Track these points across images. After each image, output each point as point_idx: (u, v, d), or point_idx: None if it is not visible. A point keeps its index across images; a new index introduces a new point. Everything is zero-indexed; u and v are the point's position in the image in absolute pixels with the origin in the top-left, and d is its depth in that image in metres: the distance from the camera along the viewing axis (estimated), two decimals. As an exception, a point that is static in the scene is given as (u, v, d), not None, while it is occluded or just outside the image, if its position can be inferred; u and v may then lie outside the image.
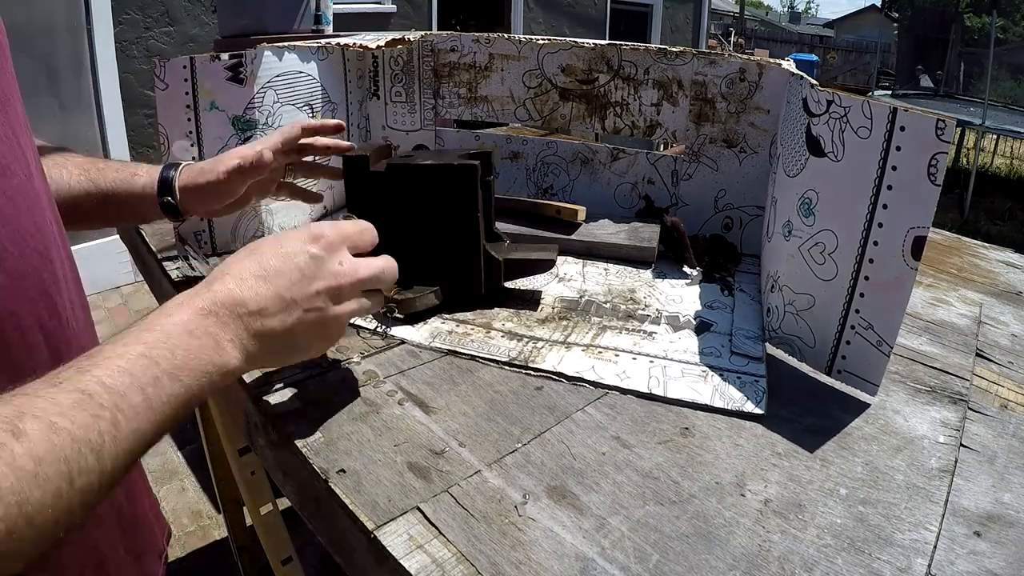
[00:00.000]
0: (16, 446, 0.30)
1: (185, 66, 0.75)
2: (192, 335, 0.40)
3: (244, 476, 1.05)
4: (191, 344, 0.40)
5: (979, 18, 8.17)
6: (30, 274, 0.44)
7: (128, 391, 0.35)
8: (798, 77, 0.72)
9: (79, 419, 0.32)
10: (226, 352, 0.42)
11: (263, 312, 0.44)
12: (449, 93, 1.02)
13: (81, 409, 0.33)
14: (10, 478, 0.29)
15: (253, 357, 0.44)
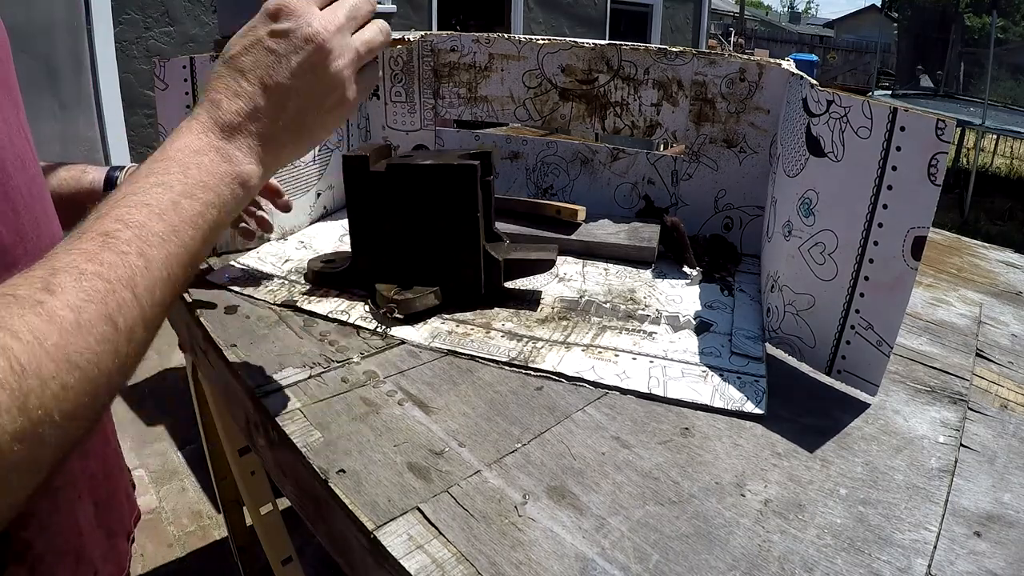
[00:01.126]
0: (53, 301, 0.30)
1: (185, 66, 0.75)
2: (200, 153, 0.40)
3: (244, 476, 1.05)
4: (201, 162, 0.40)
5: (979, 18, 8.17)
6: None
7: (148, 221, 0.35)
8: (798, 77, 0.72)
9: (106, 259, 0.33)
10: (238, 161, 0.41)
11: (257, 110, 0.42)
12: (449, 93, 1.02)
13: (106, 250, 0.33)
14: (54, 333, 0.29)
15: (267, 157, 0.43)
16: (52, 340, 0.29)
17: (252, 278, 0.77)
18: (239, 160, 0.41)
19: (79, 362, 0.30)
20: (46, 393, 0.28)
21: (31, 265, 0.32)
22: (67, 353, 0.29)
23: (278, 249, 0.86)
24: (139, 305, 0.33)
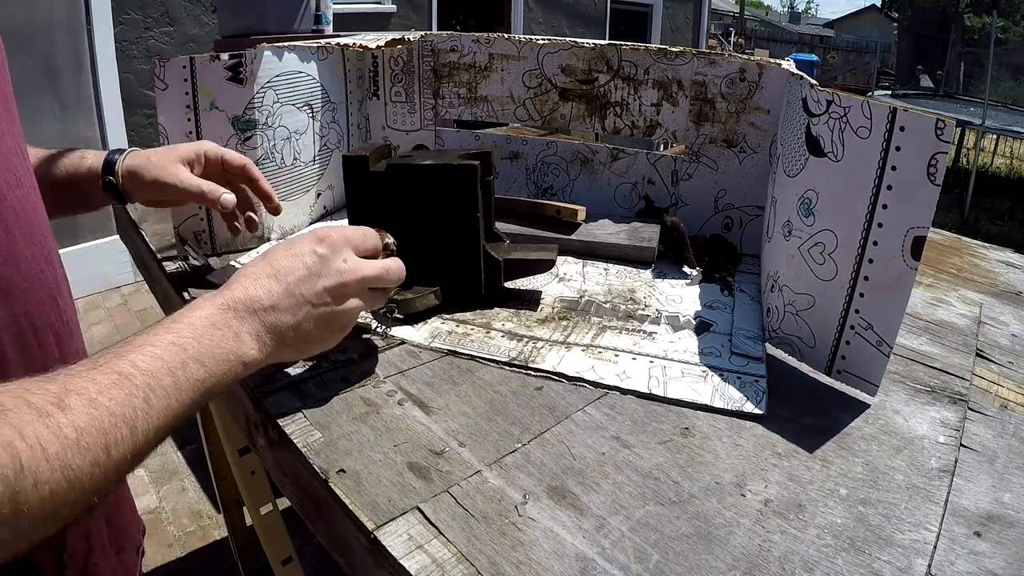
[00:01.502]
0: (61, 417, 0.33)
1: (185, 66, 0.75)
2: (215, 327, 0.45)
3: (244, 476, 1.05)
4: (214, 335, 0.44)
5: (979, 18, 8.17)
6: (40, 278, 0.48)
7: (159, 373, 0.39)
8: (798, 77, 0.72)
9: (116, 396, 0.36)
10: (245, 343, 0.46)
11: (275, 308, 0.48)
12: (449, 93, 1.02)
13: (118, 388, 0.37)
14: (55, 444, 0.32)
15: (269, 348, 0.48)
16: (53, 450, 0.32)
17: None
18: (245, 343, 0.46)
19: (71, 476, 0.33)
20: (36, 494, 0.31)
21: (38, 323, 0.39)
22: (63, 465, 0.32)
23: (278, 249, 0.86)
24: (133, 442, 0.37)
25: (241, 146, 0.80)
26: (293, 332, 0.49)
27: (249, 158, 0.74)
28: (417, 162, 0.70)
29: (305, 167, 0.90)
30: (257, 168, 0.73)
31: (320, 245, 0.52)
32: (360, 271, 0.53)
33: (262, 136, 0.82)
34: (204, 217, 0.81)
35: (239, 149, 0.80)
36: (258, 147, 0.82)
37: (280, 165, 0.85)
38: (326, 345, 0.53)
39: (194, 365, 0.42)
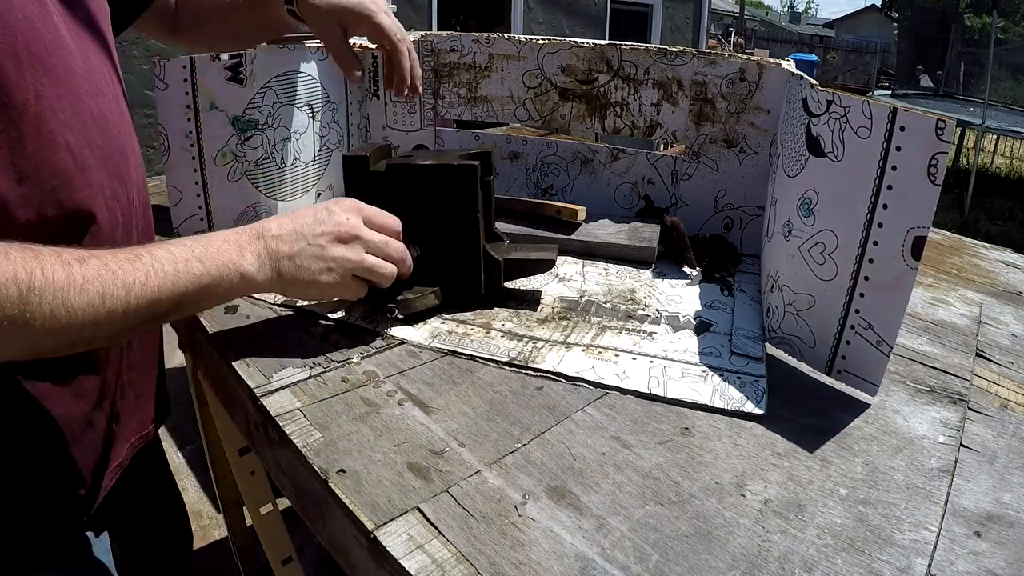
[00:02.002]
0: (77, 267, 0.46)
1: (185, 66, 0.75)
2: (225, 241, 0.56)
3: (244, 476, 1.05)
4: (221, 246, 0.56)
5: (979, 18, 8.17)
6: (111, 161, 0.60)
7: (164, 261, 0.51)
8: (798, 77, 0.72)
9: (124, 266, 0.48)
10: (246, 259, 0.57)
11: (280, 238, 0.59)
12: (449, 93, 1.02)
13: (128, 262, 0.49)
14: (64, 282, 0.45)
15: (265, 270, 0.58)
16: (60, 285, 0.44)
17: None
18: (246, 259, 0.57)
19: (68, 306, 0.45)
20: (39, 309, 0.43)
21: None
22: (64, 297, 0.45)
23: (278, 249, 0.86)
24: (126, 301, 0.48)
25: (241, 146, 0.80)
26: (287, 260, 0.59)
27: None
28: (417, 162, 0.70)
29: (305, 167, 0.90)
30: (407, 48, 0.79)
31: (334, 204, 0.63)
32: (356, 230, 0.62)
33: (262, 136, 0.82)
34: (204, 217, 0.81)
35: (239, 149, 0.80)
36: (258, 147, 0.82)
37: (280, 165, 0.85)
38: (316, 287, 0.61)
39: (195, 263, 0.53)
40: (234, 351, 0.63)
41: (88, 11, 0.61)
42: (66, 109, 0.55)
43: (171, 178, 0.79)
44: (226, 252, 0.55)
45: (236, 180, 0.81)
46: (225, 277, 0.55)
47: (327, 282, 0.61)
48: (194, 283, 0.53)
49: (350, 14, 0.77)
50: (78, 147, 0.56)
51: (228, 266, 0.55)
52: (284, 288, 0.61)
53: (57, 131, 0.54)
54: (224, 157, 0.80)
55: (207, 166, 0.79)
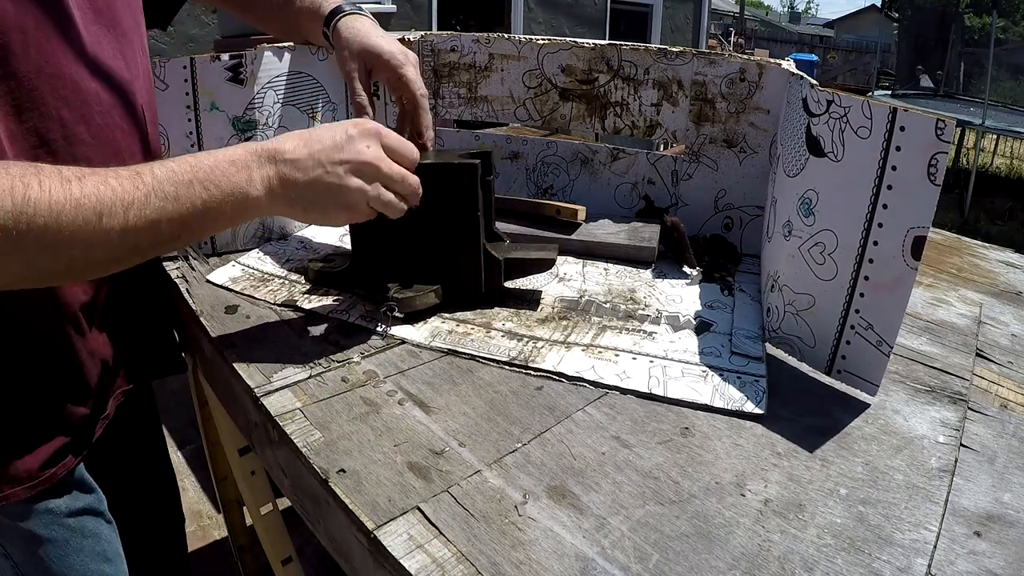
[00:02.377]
0: (75, 184, 0.45)
1: (185, 66, 0.75)
2: (233, 164, 0.53)
3: (244, 476, 1.05)
4: (228, 169, 0.52)
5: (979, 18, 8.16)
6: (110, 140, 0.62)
7: (166, 182, 0.49)
8: (798, 77, 0.72)
9: (124, 185, 0.47)
10: (254, 184, 0.53)
11: (295, 163, 0.55)
12: (449, 93, 1.02)
13: (129, 181, 0.48)
14: (60, 196, 0.44)
15: (275, 197, 0.55)
16: (56, 198, 0.44)
17: (252, 278, 0.77)
18: (255, 184, 0.53)
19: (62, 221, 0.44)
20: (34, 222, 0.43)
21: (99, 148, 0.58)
22: (59, 211, 0.44)
23: (278, 249, 0.86)
24: (124, 220, 0.47)
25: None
26: (301, 188, 0.55)
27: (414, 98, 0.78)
28: (417, 162, 0.70)
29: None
30: (427, 105, 0.77)
31: (353, 128, 0.58)
32: (378, 161, 0.58)
33: (262, 136, 0.82)
34: None
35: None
36: (258, 147, 0.82)
37: (280, 165, 0.85)
38: (325, 216, 0.59)
39: (199, 186, 0.50)
40: (234, 351, 0.63)
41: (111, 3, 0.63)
42: (67, 87, 0.56)
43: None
44: (233, 176, 0.52)
45: (236, 180, 0.81)
46: (230, 203, 0.52)
47: (339, 212, 0.59)
48: (197, 207, 0.50)
49: (378, 59, 0.77)
50: (72, 122, 0.57)
51: (234, 192, 0.52)
52: (293, 214, 0.58)
53: (53, 106, 0.56)
54: (224, 157, 0.80)
55: (207, 166, 0.79)
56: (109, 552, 0.69)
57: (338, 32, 0.79)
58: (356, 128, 0.58)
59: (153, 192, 0.48)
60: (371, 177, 0.58)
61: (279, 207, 0.55)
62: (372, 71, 0.78)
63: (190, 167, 0.50)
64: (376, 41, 0.77)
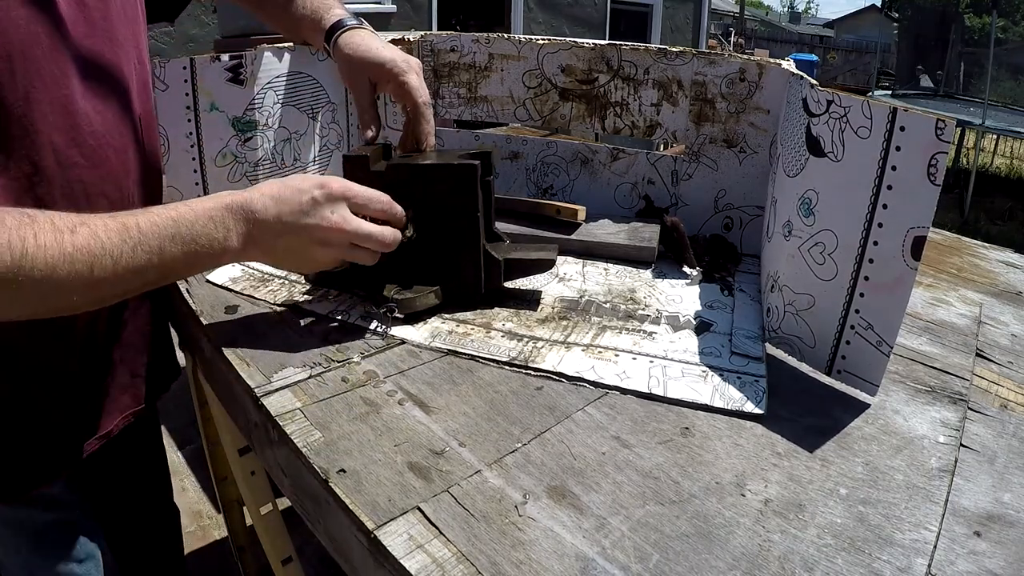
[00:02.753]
0: (69, 236, 0.48)
1: (185, 67, 0.75)
2: (212, 220, 0.56)
3: (244, 476, 1.05)
4: (208, 224, 0.55)
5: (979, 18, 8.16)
6: (104, 161, 0.63)
7: (151, 235, 0.52)
8: (798, 77, 0.72)
9: (113, 238, 0.50)
10: (231, 240, 0.57)
11: (264, 223, 0.58)
12: (449, 93, 1.02)
13: (118, 234, 0.50)
14: (55, 251, 0.47)
15: (250, 248, 0.58)
16: (52, 253, 0.47)
17: (252, 278, 0.77)
18: (232, 239, 0.57)
19: (58, 274, 0.47)
20: (31, 275, 0.46)
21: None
22: (54, 265, 0.47)
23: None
24: (113, 271, 0.50)
25: (242, 147, 0.80)
26: (269, 246, 0.59)
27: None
28: (417, 162, 0.70)
29: (306, 168, 0.90)
30: (429, 114, 0.77)
31: (319, 191, 0.60)
32: (342, 225, 0.60)
33: (262, 137, 0.82)
34: None
35: (239, 150, 0.80)
36: (258, 148, 0.82)
37: (280, 166, 0.85)
38: (299, 269, 0.65)
39: (180, 241, 0.54)
40: (234, 351, 0.63)
41: (107, 12, 0.63)
42: (56, 111, 0.58)
43: (171, 179, 0.79)
44: (213, 232, 0.56)
45: (236, 181, 0.81)
46: (209, 254, 0.56)
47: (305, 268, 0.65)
48: (179, 259, 0.54)
49: (380, 69, 0.77)
50: (64, 146, 0.59)
51: (212, 247, 0.56)
52: (258, 260, 0.62)
53: (44, 131, 0.57)
54: (224, 158, 0.80)
55: (207, 167, 0.79)
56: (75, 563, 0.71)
57: (339, 48, 0.79)
58: (322, 191, 0.60)
59: (139, 245, 0.51)
60: (337, 242, 0.61)
61: (255, 256, 0.60)
62: (377, 83, 0.78)
63: (172, 221, 0.54)
64: (376, 52, 0.77)
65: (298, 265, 0.64)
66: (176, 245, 0.53)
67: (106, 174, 0.63)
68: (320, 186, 0.60)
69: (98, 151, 0.62)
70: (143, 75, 0.70)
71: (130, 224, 0.52)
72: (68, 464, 0.68)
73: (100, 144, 0.62)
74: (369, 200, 0.63)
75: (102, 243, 0.49)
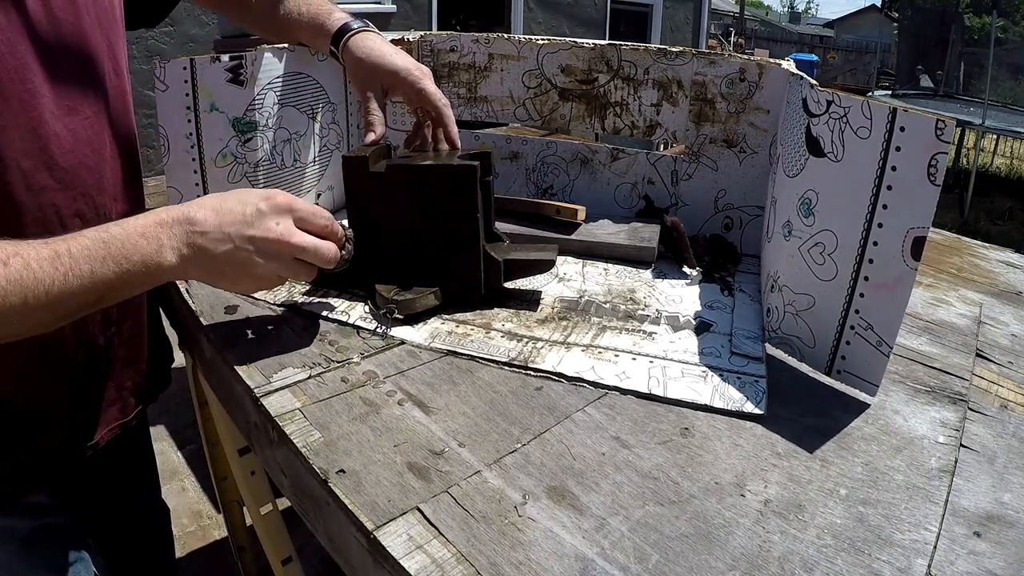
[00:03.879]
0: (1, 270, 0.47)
1: (185, 67, 0.75)
2: (144, 237, 0.54)
3: (244, 476, 1.05)
4: (139, 242, 0.53)
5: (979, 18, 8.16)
6: (77, 180, 0.61)
7: (81, 260, 0.51)
8: (798, 77, 0.72)
9: (45, 268, 0.49)
10: (164, 254, 0.54)
11: (204, 234, 0.56)
12: (449, 93, 1.02)
13: (50, 263, 0.49)
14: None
15: (187, 264, 0.55)
16: None
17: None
18: (165, 254, 0.54)
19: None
20: None
21: None
22: None
23: (278, 249, 0.86)
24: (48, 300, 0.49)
25: (241, 148, 0.80)
26: (210, 259, 0.56)
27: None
28: (417, 162, 0.70)
29: (305, 168, 0.90)
30: (450, 114, 0.78)
31: (264, 202, 0.58)
32: (287, 237, 0.58)
33: (263, 137, 0.82)
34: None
35: (239, 151, 0.80)
36: (258, 148, 0.82)
37: (281, 166, 0.85)
38: (237, 287, 0.61)
39: (111, 262, 0.52)
40: (234, 351, 0.63)
41: (79, 23, 0.60)
42: (24, 136, 0.56)
43: (171, 179, 0.79)
44: (143, 248, 0.54)
45: (236, 181, 0.81)
46: (142, 273, 0.54)
47: (250, 283, 0.60)
48: (111, 281, 0.53)
49: (396, 77, 0.77)
50: (33, 171, 0.57)
51: (146, 262, 0.54)
52: (206, 280, 0.60)
53: (11, 157, 0.55)
54: (224, 158, 0.80)
55: (207, 167, 0.79)
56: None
57: (349, 51, 0.79)
58: (267, 203, 0.58)
59: (71, 271, 0.50)
60: (279, 254, 0.59)
61: (193, 272, 0.57)
62: (389, 89, 0.79)
63: (103, 243, 0.52)
64: (391, 59, 0.77)
65: (237, 281, 0.59)
66: (107, 266, 0.52)
67: (79, 194, 0.62)
68: (265, 198, 0.59)
69: (70, 172, 0.60)
70: (120, 86, 0.68)
71: (61, 251, 0.50)
72: (53, 477, 0.67)
73: (72, 165, 0.60)
74: (312, 215, 0.61)
75: (34, 273, 0.49)
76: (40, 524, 0.68)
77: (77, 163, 0.61)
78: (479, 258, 0.72)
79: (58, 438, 0.67)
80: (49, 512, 0.69)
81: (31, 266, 0.49)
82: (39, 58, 0.56)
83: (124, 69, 0.69)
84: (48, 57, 0.57)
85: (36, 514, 0.68)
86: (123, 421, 0.74)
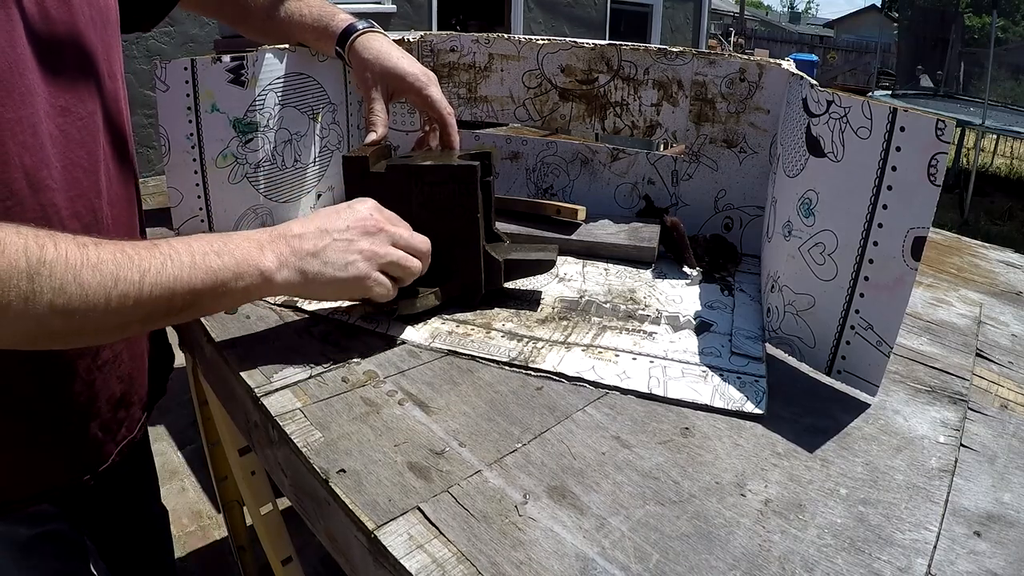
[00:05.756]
0: (92, 248, 0.46)
1: (186, 68, 0.75)
2: (246, 239, 0.55)
3: (244, 476, 1.05)
4: (241, 243, 0.55)
5: (979, 18, 8.16)
6: (73, 181, 0.60)
7: (182, 251, 0.51)
8: (798, 77, 0.72)
9: (141, 253, 0.48)
10: (266, 257, 0.55)
11: (302, 236, 0.58)
12: (449, 93, 1.02)
13: (145, 249, 0.49)
14: (77, 259, 0.44)
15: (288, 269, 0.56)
16: (72, 262, 0.44)
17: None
18: (266, 256, 0.55)
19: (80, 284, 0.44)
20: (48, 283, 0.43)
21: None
22: (76, 273, 0.44)
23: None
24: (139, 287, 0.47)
25: (242, 148, 0.80)
26: (313, 258, 0.57)
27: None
28: (417, 162, 0.70)
29: (306, 169, 0.90)
30: (453, 123, 0.80)
31: (356, 203, 0.63)
32: (382, 223, 0.61)
33: (263, 138, 0.82)
34: (204, 219, 0.81)
35: (240, 151, 0.80)
36: (259, 149, 0.82)
37: (281, 167, 0.85)
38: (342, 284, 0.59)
39: (213, 256, 0.52)
40: (234, 351, 0.63)
41: (74, 24, 0.59)
42: (26, 131, 0.55)
43: (172, 179, 0.79)
44: (245, 248, 0.54)
45: (237, 182, 0.81)
46: (243, 274, 0.53)
47: (354, 276, 0.59)
48: (211, 277, 0.51)
49: (403, 81, 0.78)
50: (34, 168, 0.56)
51: (247, 262, 0.53)
52: (307, 288, 0.58)
53: (15, 153, 0.54)
54: (225, 159, 0.80)
55: (208, 168, 0.79)
56: None
57: (356, 52, 0.79)
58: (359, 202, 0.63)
59: (169, 259, 0.49)
60: (378, 236, 0.60)
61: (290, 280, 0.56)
62: (395, 93, 0.79)
63: (205, 242, 0.52)
64: (398, 63, 0.78)
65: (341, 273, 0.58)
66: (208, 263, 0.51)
67: (77, 196, 0.60)
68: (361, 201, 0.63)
69: (66, 171, 0.59)
70: (114, 88, 0.66)
71: (159, 242, 0.50)
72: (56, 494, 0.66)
73: (67, 164, 0.59)
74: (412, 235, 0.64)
75: (129, 256, 0.47)
76: (39, 531, 0.68)
77: (72, 163, 0.60)
78: (479, 258, 0.72)
79: (71, 456, 0.66)
80: (48, 520, 0.68)
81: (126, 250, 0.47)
82: (34, 57, 0.55)
83: (119, 72, 0.68)
84: (43, 56, 0.56)
85: (35, 521, 0.67)
86: (130, 438, 0.73)
